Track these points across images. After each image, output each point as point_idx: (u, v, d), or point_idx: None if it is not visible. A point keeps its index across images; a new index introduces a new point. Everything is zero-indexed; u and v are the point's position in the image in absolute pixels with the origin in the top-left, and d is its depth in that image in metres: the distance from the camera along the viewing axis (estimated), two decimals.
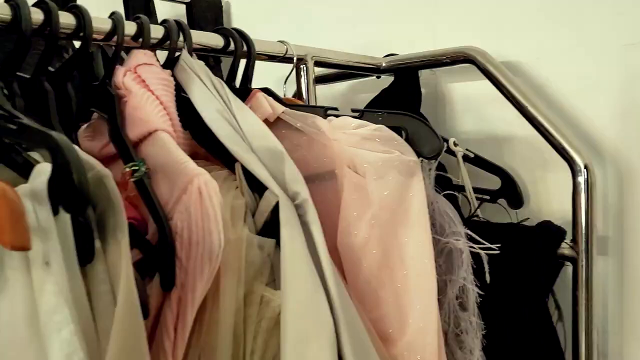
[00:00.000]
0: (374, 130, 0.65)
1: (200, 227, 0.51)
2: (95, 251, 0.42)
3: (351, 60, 0.91)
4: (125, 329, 0.41)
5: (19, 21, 0.56)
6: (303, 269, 0.55)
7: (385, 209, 0.62)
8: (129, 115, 0.62)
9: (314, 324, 0.54)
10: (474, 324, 0.67)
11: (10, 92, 0.57)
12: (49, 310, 0.40)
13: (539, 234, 0.76)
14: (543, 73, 0.90)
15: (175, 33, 0.68)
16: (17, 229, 0.33)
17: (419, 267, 0.62)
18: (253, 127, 0.64)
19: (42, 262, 0.40)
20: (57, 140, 0.39)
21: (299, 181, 0.60)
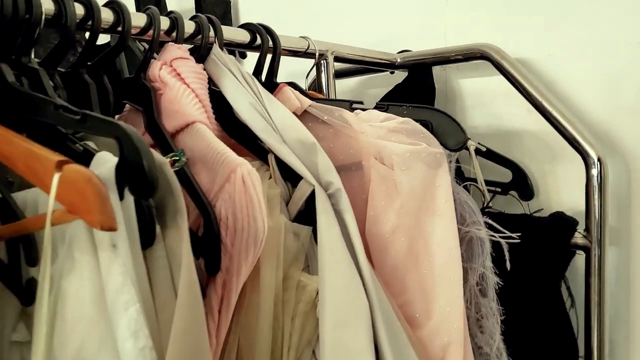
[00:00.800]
0: (401, 123, 0.68)
1: (245, 214, 0.53)
2: (156, 235, 0.44)
3: (368, 56, 0.94)
4: (188, 308, 0.43)
5: (63, 16, 0.58)
6: (340, 256, 0.57)
7: (413, 199, 0.65)
8: (165, 108, 0.64)
9: (352, 308, 0.56)
10: (494, 310, 0.70)
11: (53, 85, 0.59)
12: (116, 290, 0.42)
13: (553, 224, 0.79)
14: (554, 70, 0.93)
15: (207, 28, 0.70)
16: (105, 211, 0.35)
17: (445, 255, 0.65)
18: (284, 119, 0.67)
19: (110, 244, 0.42)
20: (125, 129, 0.41)
21: (332, 171, 0.62)
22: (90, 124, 0.45)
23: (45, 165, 0.38)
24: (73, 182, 0.36)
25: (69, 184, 0.36)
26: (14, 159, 0.41)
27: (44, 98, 0.48)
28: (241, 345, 0.57)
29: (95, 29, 0.61)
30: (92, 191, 0.35)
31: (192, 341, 0.43)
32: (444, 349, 0.64)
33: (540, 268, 0.77)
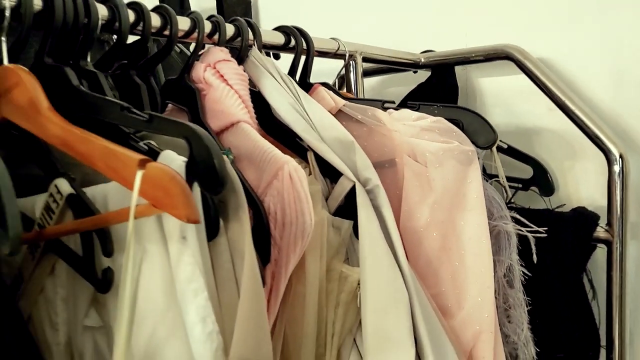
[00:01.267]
0: (434, 122, 0.71)
1: (293, 208, 0.56)
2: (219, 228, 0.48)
3: (394, 56, 0.97)
4: (251, 296, 0.46)
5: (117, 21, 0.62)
6: (380, 248, 0.61)
7: (446, 195, 0.68)
8: (210, 108, 0.68)
9: (392, 296, 0.59)
10: (521, 300, 0.74)
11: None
12: (186, 278, 0.45)
13: (576, 218, 0.83)
14: (573, 69, 0.96)
15: (246, 31, 0.73)
16: (190, 206, 0.39)
17: (476, 248, 0.68)
18: (322, 119, 0.70)
19: (180, 236, 0.45)
20: (195, 130, 0.44)
21: (370, 168, 0.65)
22: (157, 124, 0.48)
23: (127, 163, 0.41)
24: (156, 179, 0.39)
25: (152, 180, 0.39)
26: (92, 158, 0.44)
27: (111, 100, 0.52)
28: (287, 333, 0.60)
29: (146, 33, 0.64)
30: (177, 187, 0.38)
31: (256, 327, 0.46)
32: (476, 336, 0.67)
33: (563, 261, 0.80)
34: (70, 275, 0.51)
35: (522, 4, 1.03)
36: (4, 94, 0.53)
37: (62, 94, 0.54)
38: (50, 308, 0.50)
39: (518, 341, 0.73)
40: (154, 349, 0.45)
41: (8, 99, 0.53)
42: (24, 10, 0.55)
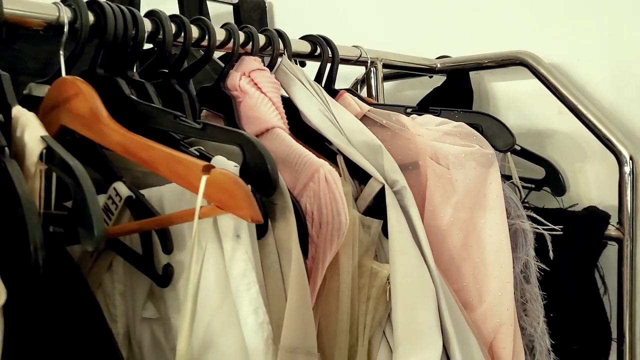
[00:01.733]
0: (455, 126, 0.75)
1: (329, 209, 0.60)
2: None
3: (412, 62, 1.01)
4: (298, 290, 0.51)
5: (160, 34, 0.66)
6: (408, 245, 0.65)
7: (468, 195, 0.72)
8: (245, 114, 0.72)
9: (420, 291, 0.64)
10: (537, 295, 0.78)
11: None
12: (239, 274, 0.49)
13: (588, 217, 0.87)
14: (583, 74, 1.00)
15: (277, 41, 0.77)
16: (253, 207, 0.43)
17: (496, 245, 0.72)
18: (350, 124, 0.74)
19: (234, 235, 0.49)
20: (247, 137, 0.49)
21: (397, 170, 0.70)
22: (210, 132, 0.52)
23: (191, 168, 0.45)
24: (220, 183, 0.43)
25: (216, 184, 0.44)
26: (155, 163, 0.48)
27: (163, 109, 0.56)
28: (321, 325, 0.64)
29: (187, 44, 0.68)
30: (241, 191, 0.43)
31: (303, 318, 0.51)
32: (496, 329, 0.71)
33: (576, 258, 0.84)
34: (127, 271, 0.55)
35: (531, 12, 1.07)
36: (62, 104, 0.58)
37: (114, 103, 0.58)
38: (109, 301, 0.54)
39: (534, 333, 0.77)
40: (210, 339, 0.49)
41: (67, 108, 0.57)
42: (80, 24, 0.59)
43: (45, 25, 0.59)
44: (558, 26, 1.04)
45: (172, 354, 0.52)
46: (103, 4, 0.61)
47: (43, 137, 0.46)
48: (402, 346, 0.62)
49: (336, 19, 1.43)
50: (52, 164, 0.45)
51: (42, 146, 0.45)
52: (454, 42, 1.18)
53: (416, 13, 1.25)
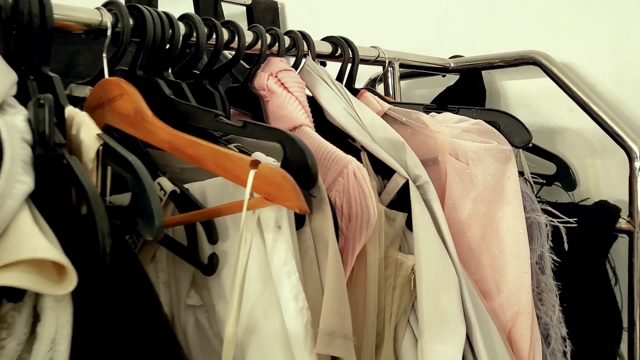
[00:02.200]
0: (474, 124, 0.78)
1: (358, 202, 0.63)
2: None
3: (427, 62, 1.04)
4: (336, 278, 0.54)
5: (194, 36, 0.69)
6: (432, 237, 0.68)
7: (487, 189, 0.75)
8: (272, 113, 0.75)
9: (444, 280, 0.67)
10: (552, 285, 0.81)
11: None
12: (280, 262, 0.52)
13: (599, 211, 0.90)
14: (594, 73, 1.03)
15: (302, 42, 0.81)
16: (300, 198, 0.46)
17: (514, 237, 0.75)
18: (373, 121, 0.77)
19: (275, 226, 0.53)
20: (288, 134, 0.52)
21: (419, 166, 0.73)
22: (250, 130, 0.56)
23: (238, 163, 0.48)
24: (268, 177, 0.47)
25: (264, 178, 0.47)
26: (203, 159, 0.51)
27: (204, 108, 0.59)
28: (350, 313, 0.68)
29: (218, 46, 0.71)
30: (289, 184, 0.46)
31: (340, 304, 0.54)
32: (514, 317, 0.74)
33: (588, 249, 0.87)
34: (170, 261, 0.58)
35: (545, 12, 1.10)
36: (107, 103, 0.61)
37: (153, 103, 0.61)
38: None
39: (550, 322, 0.80)
40: (253, 324, 0.53)
41: (111, 107, 0.60)
42: (122, 28, 0.62)
43: (87, 28, 0.63)
44: (569, 26, 1.07)
45: (215, 338, 0.56)
46: (142, 8, 0.65)
47: (99, 134, 0.49)
48: (428, 333, 0.65)
49: (347, 20, 1.46)
50: (109, 159, 0.48)
51: (99, 143, 0.48)
52: (463, 42, 1.21)
53: (427, 13, 1.28)
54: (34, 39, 0.56)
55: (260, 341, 0.53)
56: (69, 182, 0.46)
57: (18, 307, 0.42)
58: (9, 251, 0.40)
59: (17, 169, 0.43)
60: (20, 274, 0.39)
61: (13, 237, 0.41)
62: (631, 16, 1.01)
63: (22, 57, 0.57)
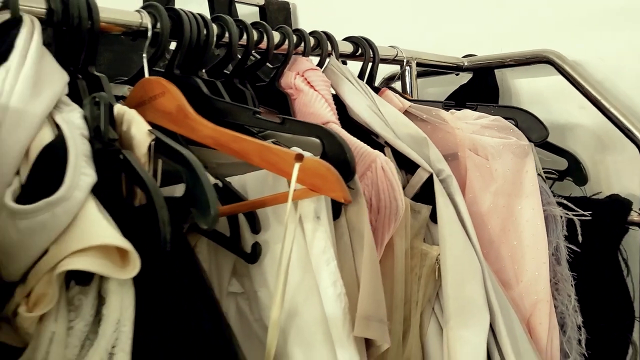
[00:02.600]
0: (492, 120, 0.81)
1: (386, 195, 0.66)
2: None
3: (442, 61, 1.07)
4: (371, 266, 0.57)
5: (227, 37, 0.72)
6: (456, 228, 0.71)
7: (506, 183, 0.79)
8: (299, 111, 0.78)
9: (468, 269, 0.70)
10: (567, 275, 0.84)
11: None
12: (319, 250, 0.56)
13: (611, 204, 0.93)
14: (604, 71, 1.07)
15: (326, 42, 0.84)
16: (344, 189, 0.49)
17: (532, 229, 0.78)
18: (396, 118, 0.80)
19: (314, 216, 0.56)
20: (326, 129, 0.55)
21: (442, 160, 0.76)
22: (289, 126, 0.59)
23: (283, 157, 0.51)
24: (313, 169, 0.50)
25: (309, 170, 0.50)
26: (248, 154, 0.54)
27: (243, 106, 0.62)
28: None
29: (249, 47, 0.74)
30: (333, 176, 0.49)
31: (375, 290, 0.57)
32: (533, 305, 0.78)
33: (601, 242, 0.90)
34: (212, 251, 0.61)
35: (557, 10, 1.13)
36: (148, 101, 0.64)
37: (191, 101, 0.64)
38: None
39: (566, 311, 0.83)
40: (295, 309, 0.56)
41: (152, 105, 0.63)
42: (161, 29, 0.65)
43: (126, 30, 0.66)
44: (579, 25, 1.10)
45: (257, 324, 0.59)
46: (178, 10, 0.68)
47: (150, 130, 0.52)
48: (454, 320, 0.68)
49: (357, 20, 1.49)
50: (161, 153, 0.51)
51: (150, 139, 0.51)
52: (473, 42, 1.24)
53: (438, 12, 1.31)
54: (82, 41, 0.59)
55: (300, 325, 0.56)
56: (127, 175, 0.49)
57: (85, 290, 0.45)
58: (79, 238, 0.43)
59: (81, 162, 0.46)
60: (91, 259, 0.42)
61: (82, 225, 0.44)
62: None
63: (70, 57, 0.60)
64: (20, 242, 0.44)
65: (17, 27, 0.53)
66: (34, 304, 0.44)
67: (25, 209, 0.43)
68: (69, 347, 0.45)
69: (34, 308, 0.44)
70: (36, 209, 0.43)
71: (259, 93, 0.81)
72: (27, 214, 0.43)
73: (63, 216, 0.43)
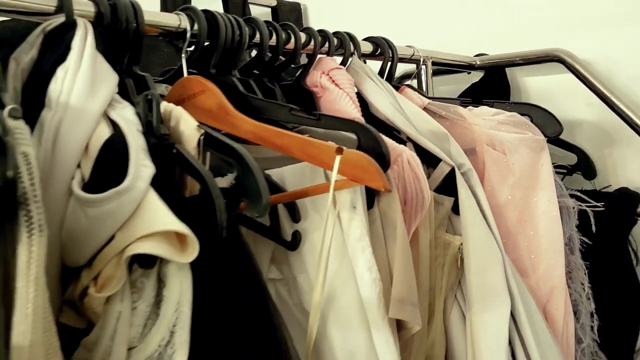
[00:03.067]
0: (509, 116, 0.85)
1: (413, 187, 0.70)
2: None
3: (455, 60, 1.11)
4: (404, 253, 0.61)
5: (258, 38, 0.75)
6: (478, 219, 0.75)
7: (523, 176, 0.82)
8: (325, 108, 0.81)
9: (490, 257, 0.74)
10: (580, 264, 0.88)
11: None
12: (355, 238, 0.59)
13: (620, 197, 0.97)
14: (611, 69, 1.10)
15: (348, 43, 0.87)
16: (384, 179, 0.53)
17: (548, 220, 0.82)
18: (417, 115, 0.84)
19: (351, 206, 0.59)
20: (362, 124, 0.59)
21: (463, 155, 0.79)
22: (325, 121, 0.62)
23: (324, 150, 0.55)
24: (354, 161, 0.53)
25: (350, 162, 0.53)
26: (289, 148, 0.58)
27: (280, 103, 0.66)
28: None
29: (279, 47, 0.78)
30: (374, 167, 0.53)
31: (408, 276, 0.61)
32: (550, 292, 0.81)
33: (611, 232, 0.94)
34: (250, 240, 0.64)
35: (564, 9, 1.17)
36: (188, 99, 0.67)
37: (228, 99, 0.67)
38: None
39: (579, 298, 0.87)
40: (332, 295, 0.59)
41: (192, 103, 0.67)
42: (199, 30, 0.69)
43: (164, 31, 0.69)
44: (586, 23, 1.14)
45: (296, 308, 0.62)
46: (214, 12, 0.71)
47: (199, 125, 0.55)
48: (477, 306, 0.72)
49: (367, 20, 1.52)
50: (211, 147, 0.54)
51: (200, 133, 0.55)
52: (481, 41, 1.28)
53: (448, 11, 1.35)
54: (128, 42, 0.63)
55: (338, 309, 0.60)
56: (182, 167, 0.52)
57: (147, 273, 0.49)
58: (144, 225, 0.47)
59: (140, 155, 0.50)
60: (156, 243, 0.46)
61: (145, 213, 0.47)
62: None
63: (116, 58, 0.63)
64: (89, 229, 0.47)
65: (72, 30, 0.57)
66: (101, 285, 0.47)
67: (95, 197, 0.46)
68: (134, 326, 0.48)
69: (102, 289, 0.47)
70: (105, 197, 0.46)
71: (285, 91, 0.85)
72: (97, 203, 0.46)
73: (128, 204, 0.47)
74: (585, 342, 0.86)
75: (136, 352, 0.48)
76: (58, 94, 0.53)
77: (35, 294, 0.38)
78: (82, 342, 0.49)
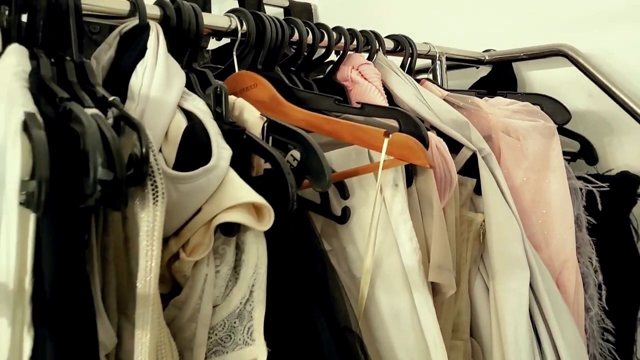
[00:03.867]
0: (522, 106, 0.93)
1: (442, 169, 0.78)
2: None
3: (466, 55, 1.19)
4: (440, 224, 0.69)
5: (293, 36, 0.83)
6: (498, 197, 0.83)
7: (536, 160, 0.91)
8: (355, 100, 0.89)
9: (510, 231, 0.82)
10: (588, 240, 0.97)
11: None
12: (398, 212, 0.67)
13: (621, 180, 1.06)
14: (611, 63, 1.19)
15: (374, 40, 0.95)
16: (427, 157, 0.61)
17: (559, 198, 0.91)
18: (439, 105, 0.92)
19: (393, 184, 0.67)
20: (402, 111, 0.67)
21: (482, 140, 0.88)
22: (369, 110, 0.70)
23: (373, 134, 0.63)
24: (401, 143, 0.61)
25: (397, 144, 0.61)
26: (340, 133, 0.66)
27: (325, 95, 0.73)
28: None
29: (315, 45, 0.85)
30: (418, 146, 0.61)
31: (445, 245, 0.69)
32: (562, 264, 0.90)
33: (614, 211, 1.03)
34: None
35: (567, 8, 1.26)
36: (240, 92, 0.75)
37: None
38: None
39: (587, 271, 0.96)
40: (379, 262, 0.67)
41: (245, 95, 0.74)
42: (248, 30, 0.76)
43: (214, 32, 0.77)
44: (588, 19, 1.22)
45: (345, 275, 0.70)
46: (260, 14, 0.79)
47: (261, 114, 0.63)
48: (499, 275, 0.80)
49: (375, 20, 1.60)
50: (275, 133, 0.62)
51: (263, 121, 0.63)
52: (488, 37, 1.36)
53: (456, 10, 1.43)
54: (189, 42, 0.70)
55: (384, 274, 0.67)
56: (253, 150, 0.60)
57: (228, 241, 0.56)
58: (229, 198, 0.54)
59: (219, 139, 0.57)
60: (240, 214, 0.53)
61: (229, 187, 0.55)
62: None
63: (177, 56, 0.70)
64: (180, 203, 0.55)
65: (146, 31, 0.64)
66: (190, 251, 0.55)
67: (187, 175, 0.54)
68: (217, 287, 0.56)
69: (191, 254, 0.55)
70: (196, 175, 0.54)
71: (318, 85, 0.92)
72: (189, 179, 0.54)
73: (214, 180, 0.54)
74: (594, 311, 0.94)
75: (220, 309, 0.56)
76: (139, 87, 0.60)
77: (157, 252, 0.46)
78: (172, 302, 0.56)
